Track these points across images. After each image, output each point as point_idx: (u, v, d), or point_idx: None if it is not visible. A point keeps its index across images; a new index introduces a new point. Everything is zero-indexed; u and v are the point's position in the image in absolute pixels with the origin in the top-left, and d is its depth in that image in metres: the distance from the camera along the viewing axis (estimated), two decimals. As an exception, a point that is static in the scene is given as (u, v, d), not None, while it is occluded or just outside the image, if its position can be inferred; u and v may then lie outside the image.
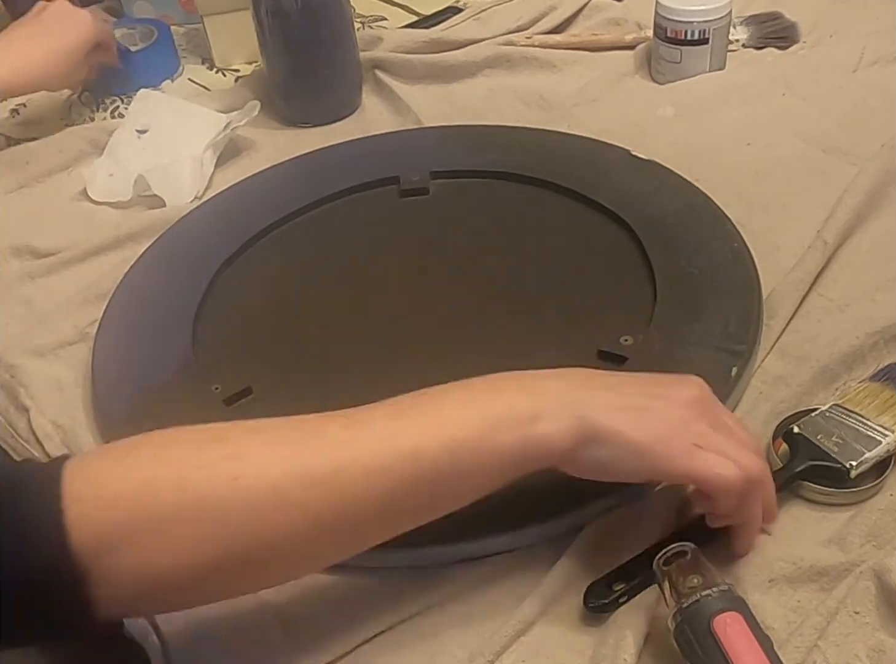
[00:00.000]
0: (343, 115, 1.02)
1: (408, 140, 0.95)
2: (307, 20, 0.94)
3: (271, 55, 0.99)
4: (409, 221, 0.86)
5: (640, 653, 0.53)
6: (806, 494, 0.60)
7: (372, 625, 0.56)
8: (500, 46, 1.06)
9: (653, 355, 0.68)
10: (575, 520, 0.60)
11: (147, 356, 0.74)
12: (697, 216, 0.80)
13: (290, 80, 1.00)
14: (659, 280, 0.74)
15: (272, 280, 0.81)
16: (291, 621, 0.57)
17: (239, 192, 0.90)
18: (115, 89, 1.07)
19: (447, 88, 1.03)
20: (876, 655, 0.52)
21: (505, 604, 0.57)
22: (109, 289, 0.80)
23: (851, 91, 0.94)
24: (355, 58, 1.02)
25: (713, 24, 0.95)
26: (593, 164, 0.87)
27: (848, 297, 0.73)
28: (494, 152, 0.90)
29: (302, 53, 0.97)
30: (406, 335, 0.75)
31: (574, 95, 1.00)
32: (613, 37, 1.07)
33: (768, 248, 0.77)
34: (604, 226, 0.81)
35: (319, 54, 0.97)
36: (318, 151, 0.94)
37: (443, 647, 0.55)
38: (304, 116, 1.01)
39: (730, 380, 0.66)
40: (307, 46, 0.96)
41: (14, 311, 0.81)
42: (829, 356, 0.67)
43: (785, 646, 0.52)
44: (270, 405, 0.70)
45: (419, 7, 1.19)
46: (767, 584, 0.56)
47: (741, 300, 0.72)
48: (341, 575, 0.59)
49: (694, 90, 0.97)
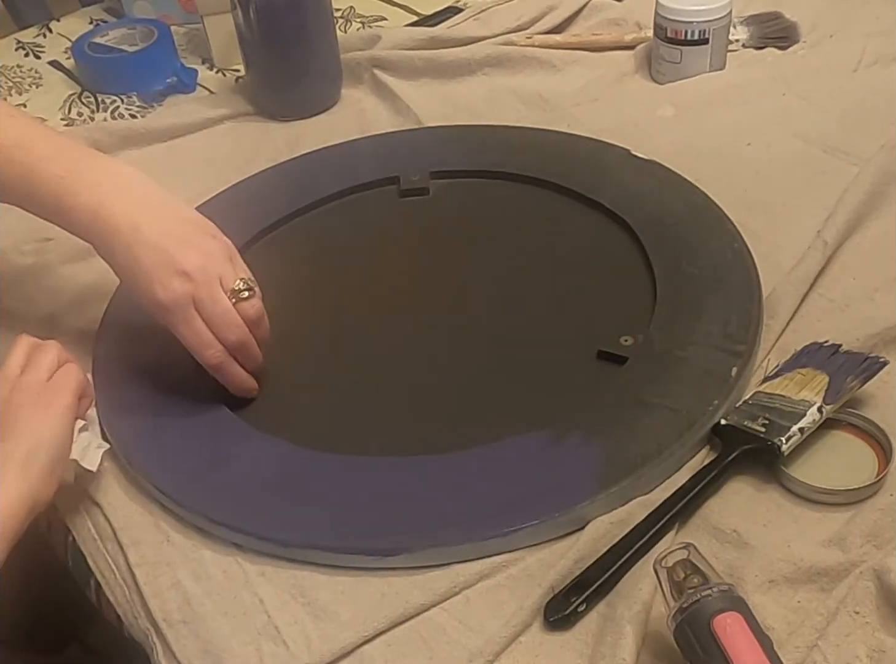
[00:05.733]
0: (325, 108, 1.02)
1: (408, 140, 0.95)
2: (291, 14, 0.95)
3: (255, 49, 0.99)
4: (409, 221, 0.86)
5: (638, 653, 0.53)
6: (804, 493, 0.60)
7: (372, 625, 0.56)
8: (500, 46, 1.06)
9: (653, 355, 0.68)
10: (575, 520, 0.60)
11: (147, 356, 0.74)
12: (697, 216, 0.80)
13: (273, 73, 1.00)
14: (659, 280, 0.74)
15: (272, 280, 0.81)
16: (291, 622, 0.57)
17: (239, 192, 0.90)
18: (115, 89, 1.07)
19: (447, 88, 1.03)
20: (876, 655, 0.52)
21: (505, 605, 0.57)
22: (109, 289, 0.80)
23: (851, 91, 0.94)
24: (335, 50, 1.02)
25: (713, 24, 0.95)
26: (593, 164, 0.87)
27: (848, 297, 0.73)
28: (494, 152, 0.90)
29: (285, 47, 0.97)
30: (405, 335, 0.75)
31: (574, 95, 1.00)
32: (613, 37, 1.07)
33: (768, 248, 0.77)
34: (604, 226, 0.81)
35: (301, 47, 0.98)
36: (319, 151, 0.94)
37: (443, 647, 0.55)
38: (286, 110, 1.02)
39: (730, 380, 0.66)
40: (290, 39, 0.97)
41: (14, 311, 0.81)
42: (829, 356, 0.67)
43: (785, 646, 0.52)
44: (271, 405, 0.70)
45: (419, 7, 1.19)
46: (767, 585, 0.56)
47: (741, 300, 0.72)
48: (341, 575, 0.59)
49: (694, 90, 0.97)
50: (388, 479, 0.63)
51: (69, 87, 1.11)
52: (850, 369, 0.64)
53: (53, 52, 1.18)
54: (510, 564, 0.59)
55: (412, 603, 0.57)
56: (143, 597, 0.60)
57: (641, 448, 0.62)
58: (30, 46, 1.19)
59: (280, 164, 0.93)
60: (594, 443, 0.63)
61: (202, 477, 0.65)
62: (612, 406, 0.66)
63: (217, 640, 0.57)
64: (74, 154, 0.68)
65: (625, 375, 0.68)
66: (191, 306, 0.65)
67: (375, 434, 0.67)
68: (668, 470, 0.62)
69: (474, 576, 0.58)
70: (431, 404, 0.69)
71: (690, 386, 0.66)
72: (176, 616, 0.58)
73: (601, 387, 0.67)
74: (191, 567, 0.61)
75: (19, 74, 1.13)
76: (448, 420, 0.68)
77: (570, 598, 0.55)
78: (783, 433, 0.61)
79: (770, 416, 0.62)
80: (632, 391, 0.66)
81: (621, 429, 0.64)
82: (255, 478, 0.65)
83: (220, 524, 0.62)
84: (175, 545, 0.62)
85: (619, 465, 0.61)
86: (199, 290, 0.65)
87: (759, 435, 0.61)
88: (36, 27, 1.23)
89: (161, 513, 0.64)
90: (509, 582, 0.58)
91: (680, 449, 0.62)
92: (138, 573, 0.61)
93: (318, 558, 0.60)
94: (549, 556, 0.59)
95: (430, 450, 0.64)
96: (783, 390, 0.64)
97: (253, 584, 0.59)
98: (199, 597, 0.59)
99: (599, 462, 0.62)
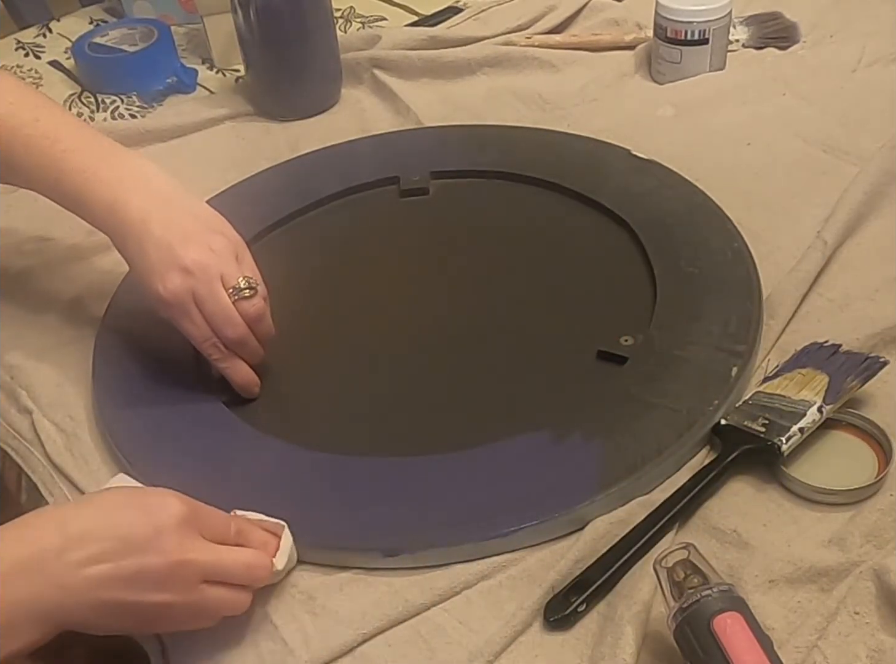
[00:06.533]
0: (325, 108, 1.03)
1: (408, 140, 0.95)
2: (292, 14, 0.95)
3: (255, 50, 0.99)
4: (409, 221, 0.86)
5: (638, 653, 0.53)
6: (804, 493, 0.60)
7: (372, 625, 0.56)
8: (500, 46, 1.06)
9: (653, 355, 0.68)
10: (575, 520, 0.60)
11: (147, 357, 0.74)
12: (697, 216, 0.80)
13: (273, 74, 1.00)
14: (659, 280, 0.74)
15: (272, 280, 0.81)
16: (291, 621, 0.57)
17: (239, 192, 0.90)
18: (115, 89, 1.07)
19: (446, 88, 1.03)
20: (876, 655, 0.52)
21: (504, 605, 0.57)
22: (109, 289, 0.80)
23: (851, 91, 0.94)
24: (335, 50, 1.02)
25: (713, 24, 0.95)
26: (593, 164, 0.87)
27: (848, 296, 0.73)
28: (494, 152, 0.90)
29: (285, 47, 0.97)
30: (405, 335, 0.75)
31: (574, 95, 1.00)
32: (613, 37, 1.07)
33: (768, 248, 0.77)
34: (604, 226, 0.81)
35: (301, 47, 0.98)
36: (319, 151, 0.94)
37: (443, 647, 0.55)
38: (286, 110, 1.02)
39: (730, 380, 0.66)
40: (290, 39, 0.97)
41: (14, 311, 0.81)
42: (829, 356, 0.67)
43: (785, 646, 0.52)
44: (271, 405, 0.70)
45: (419, 7, 1.19)
46: (767, 585, 0.56)
47: (741, 300, 0.72)
48: (340, 575, 0.59)
49: (694, 90, 0.97)
50: (388, 479, 0.63)
51: (69, 87, 1.11)
52: (850, 369, 0.64)
53: (53, 52, 1.18)
54: (510, 564, 0.59)
55: (412, 602, 0.57)
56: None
57: (641, 448, 0.62)
58: (30, 46, 1.19)
59: (280, 164, 0.93)
60: (594, 443, 0.63)
61: (202, 476, 0.65)
62: (612, 406, 0.66)
63: (216, 640, 0.57)
64: (98, 148, 0.71)
65: (625, 375, 0.68)
66: (191, 301, 0.66)
67: (375, 434, 0.67)
68: (668, 470, 0.62)
69: (474, 576, 0.58)
70: (431, 404, 0.69)
71: (690, 386, 0.66)
72: (176, 616, 0.58)
73: (601, 387, 0.67)
74: (191, 567, 0.61)
75: (19, 74, 1.13)
76: (448, 420, 0.68)
77: (570, 598, 0.55)
78: (783, 433, 0.61)
79: (770, 416, 0.62)
80: (632, 391, 0.66)
81: (621, 429, 0.64)
82: (254, 478, 0.65)
83: (220, 524, 0.62)
84: (175, 545, 0.62)
85: (619, 465, 0.61)
86: (199, 286, 0.65)
87: (759, 435, 0.61)
88: (36, 27, 1.23)
89: (161, 513, 0.64)
90: (509, 582, 0.58)
91: (680, 449, 0.62)
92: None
93: (317, 558, 0.60)
94: (549, 556, 0.59)
95: (430, 450, 0.64)
96: (783, 390, 0.64)
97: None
98: (199, 596, 0.59)
99: (599, 462, 0.62)
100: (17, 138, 0.69)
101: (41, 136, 0.70)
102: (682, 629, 0.50)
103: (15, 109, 0.70)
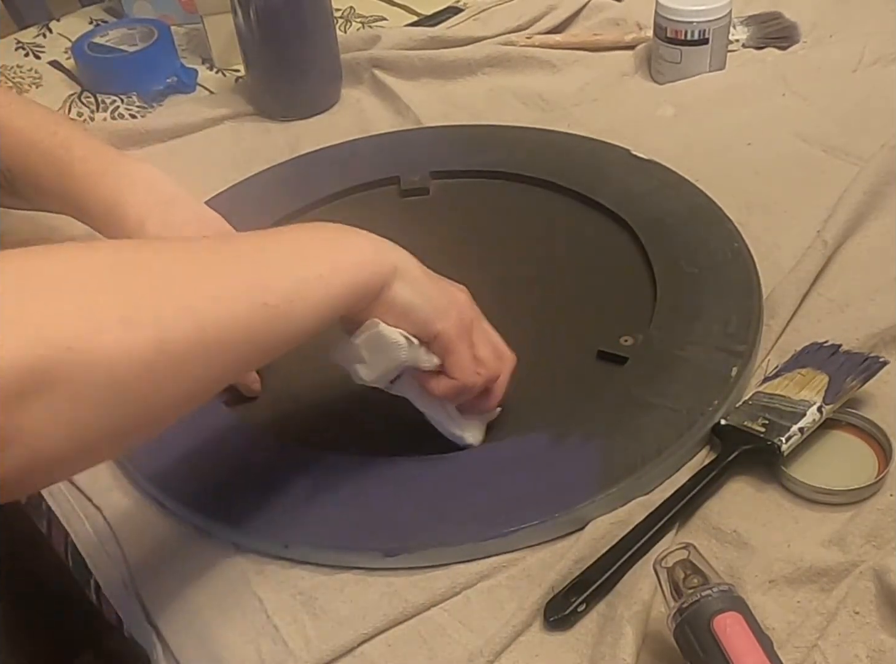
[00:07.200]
0: (325, 108, 1.03)
1: (408, 140, 0.95)
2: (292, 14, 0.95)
3: (255, 49, 0.99)
4: (409, 221, 0.86)
5: (638, 653, 0.53)
6: (804, 493, 0.60)
7: (372, 625, 0.56)
8: (500, 46, 1.06)
9: (653, 355, 0.68)
10: (575, 520, 0.60)
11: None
12: (697, 216, 0.80)
13: (273, 73, 1.00)
14: (659, 280, 0.74)
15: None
16: (290, 622, 0.57)
17: (239, 192, 0.90)
18: (115, 89, 1.07)
19: (446, 88, 1.03)
20: (876, 655, 0.52)
21: (505, 605, 0.57)
22: (109, 289, 0.80)
23: (851, 91, 0.94)
24: (335, 50, 1.02)
25: (713, 24, 0.95)
26: (593, 164, 0.87)
27: (848, 296, 0.73)
28: (494, 152, 0.90)
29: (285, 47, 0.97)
30: (406, 335, 0.75)
31: (574, 95, 1.00)
32: (613, 37, 1.07)
33: (768, 248, 0.77)
34: (604, 226, 0.81)
35: (301, 47, 0.98)
36: (318, 151, 0.94)
37: (443, 647, 0.55)
38: (286, 110, 1.02)
39: (730, 380, 0.66)
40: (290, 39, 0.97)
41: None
42: (829, 356, 0.67)
43: (785, 646, 0.52)
44: (271, 405, 0.70)
45: (419, 7, 1.19)
46: (767, 585, 0.56)
47: (741, 300, 0.72)
48: (340, 574, 0.59)
49: (694, 90, 0.97)
50: (388, 479, 0.63)
51: (69, 87, 1.11)
52: (850, 369, 0.64)
53: (53, 52, 1.18)
54: (510, 564, 0.59)
55: (412, 602, 0.57)
56: (143, 598, 0.60)
57: (641, 448, 0.62)
58: (30, 46, 1.19)
59: (280, 164, 0.93)
60: (594, 444, 0.63)
61: (201, 476, 0.65)
62: (612, 406, 0.66)
63: (216, 640, 0.57)
64: (105, 155, 0.75)
65: (625, 375, 0.68)
66: None
67: (376, 434, 0.67)
68: (668, 470, 0.62)
69: (474, 576, 0.58)
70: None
71: (690, 386, 0.66)
72: (175, 616, 0.58)
73: (601, 388, 0.67)
74: (190, 567, 0.61)
75: (19, 74, 1.13)
76: (448, 420, 0.68)
77: (570, 598, 0.55)
78: (783, 433, 0.61)
79: (770, 416, 0.62)
80: (632, 391, 0.66)
81: (621, 429, 0.64)
82: (254, 478, 0.65)
83: (220, 523, 0.62)
84: (174, 545, 0.62)
85: (619, 466, 0.61)
86: None
87: (759, 435, 0.61)
88: (36, 27, 1.23)
89: (160, 512, 0.64)
90: (509, 582, 0.58)
91: (680, 449, 0.62)
92: (137, 573, 0.61)
93: (317, 558, 0.60)
94: (549, 556, 0.59)
95: (429, 450, 0.64)
96: (783, 390, 0.64)
97: (252, 584, 0.59)
98: (199, 596, 0.59)
99: (599, 462, 0.62)
100: (35, 149, 0.74)
101: (58, 146, 0.74)
102: (682, 629, 0.50)
103: (37, 125, 0.75)
